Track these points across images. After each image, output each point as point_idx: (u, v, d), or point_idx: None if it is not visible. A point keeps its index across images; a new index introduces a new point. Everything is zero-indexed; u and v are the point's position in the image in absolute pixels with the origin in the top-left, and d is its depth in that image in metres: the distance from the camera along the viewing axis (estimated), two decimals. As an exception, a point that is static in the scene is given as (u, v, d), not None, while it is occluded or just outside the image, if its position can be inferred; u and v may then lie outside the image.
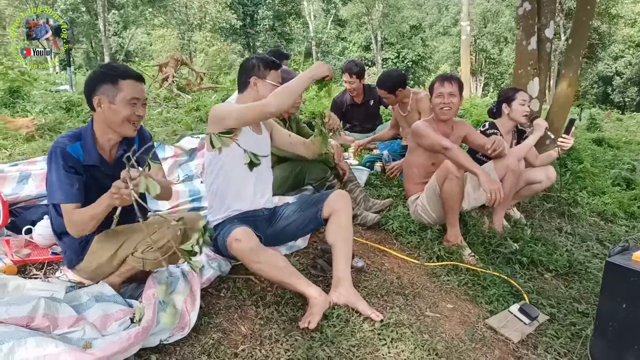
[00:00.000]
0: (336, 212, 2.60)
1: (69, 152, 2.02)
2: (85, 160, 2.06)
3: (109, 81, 2.04)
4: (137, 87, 2.08)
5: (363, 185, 4.06)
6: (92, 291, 2.09)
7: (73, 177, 2.01)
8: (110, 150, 2.17)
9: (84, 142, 2.08)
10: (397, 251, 3.22)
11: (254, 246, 2.27)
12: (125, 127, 2.09)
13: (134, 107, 2.07)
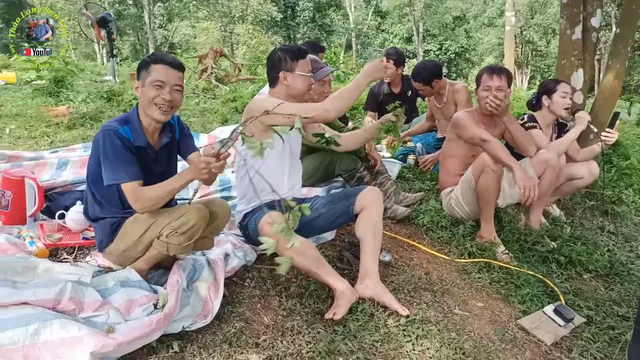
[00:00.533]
0: (368, 207, 2.58)
1: (122, 134, 2.09)
2: (136, 141, 2.13)
3: (145, 66, 2.14)
4: (166, 72, 2.11)
5: (395, 178, 4.00)
6: (118, 276, 2.13)
7: (131, 156, 2.08)
8: (154, 134, 2.23)
9: (132, 126, 2.15)
10: (426, 246, 3.15)
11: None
12: (152, 109, 2.12)
13: (158, 90, 2.10)
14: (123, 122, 2.15)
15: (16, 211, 2.55)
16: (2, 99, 5.47)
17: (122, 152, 2.05)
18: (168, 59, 2.14)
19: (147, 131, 2.20)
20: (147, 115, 2.15)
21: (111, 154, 2.04)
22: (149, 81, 2.09)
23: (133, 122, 2.16)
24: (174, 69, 2.13)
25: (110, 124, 2.12)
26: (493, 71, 3.22)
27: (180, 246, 2.12)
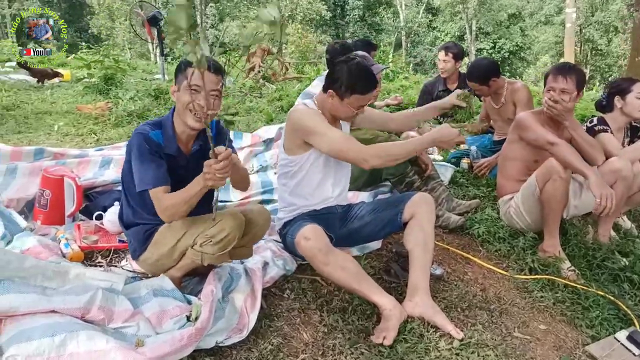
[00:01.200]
0: (418, 215, 2.38)
1: (152, 138, 1.99)
2: (166, 148, 2.02)
3: (182, 69, 2.01)
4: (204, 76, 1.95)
5: (447, 184, 3.74)
6: (151, 284, 2.01)
7: (159, 160, 1.97)
8: (187, 142, 2.11)
9: (164, 131, 2.04)
10: (482, 259, 2.90)
11: (323, 246, 2.11)
12: (186, 115, 1.99)
13: (194, 95, 1.94)
14: (155, 125, 2.04)
15: (55, 211, 2.50)
16: (55, 96, 5.58)
17: (150, 156, 1.94)
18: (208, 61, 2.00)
19: (180, 138, 2.08)
20: (181, 121, 2.04)
21: (139, 158, 1.94)
22: (185, 85, 1.96)
23: (166, 127, 2.05)
24: (211, 72, 1.97)
25: (142, 127, 2.02)
26: (559, 71, 2.92)
27: (214, 256, 1.98)
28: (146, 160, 1.93)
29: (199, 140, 2.12)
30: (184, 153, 2.09)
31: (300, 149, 2.36)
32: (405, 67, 15.71)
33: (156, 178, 1.93)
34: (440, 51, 4.87)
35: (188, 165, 2.09)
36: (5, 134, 3.98)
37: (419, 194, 2.48)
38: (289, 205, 2.48)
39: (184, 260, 2.05)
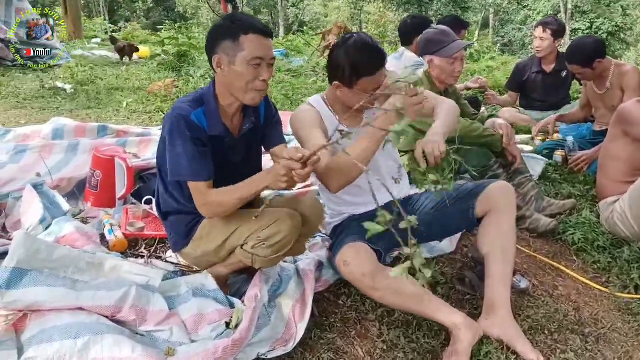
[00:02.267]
0: (496, 211, 1.97)
1: (194, 122, 1.69)
2: (210, 130, 1.74)
3: (230, 37, 1.66)
4: (263, 44, 1.68)
5: (537, 179, 3.28)
6: (193, 281, 1.82)
7: (202, 150, 1.70)
8: (233, 118, 1.83)
9: (207, 109, 1.75)
10: (577, 272, 2.47)
11: (368, 270, 1.76)
12: (249, 94, 1.71)
13: (257, 69, 1.68)
14: (196, 103, 1.73)
15: (105, 193, 2.39)
16: (129, 73, 5.62)
17: (191, 145, 1.66)
18: (259, 25, 1.68)
19: (227, 115, 1.80)
20: (232, 96, 1.75)
21: (178, 145, 1.67)
22: (244, 58, 1.64)
23: (209, 105, 1.75)
24: (266, 37, 1.70)
25: (181, 105, 1.73)
26: None
27: (267, 259, 1.75)
28: (187, 148, 1.66)
29: (248, 116, 1.84)
30: (232, 133, 1.82)
31: None
32: (492, 47, 14.77)
33: (199, 170, 1.68)
34: (536, 27, 4.36)
35: (237, 147, 1.84)
36: (75, 109, 3.99)
37: (496, 183, 2.05)
38: (332, 207, 2.18)
39: (233, 259, 1.83)
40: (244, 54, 1.65)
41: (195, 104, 1.73)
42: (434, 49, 2.78)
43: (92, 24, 14.51)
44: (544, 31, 4.26)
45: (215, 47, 1.70)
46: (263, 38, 1.68)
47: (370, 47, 1.91)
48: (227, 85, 1.73)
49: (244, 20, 1.69)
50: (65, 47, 7.23)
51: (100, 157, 2.36)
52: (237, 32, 1.65)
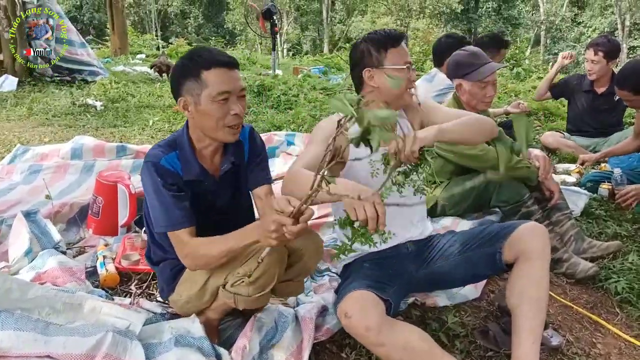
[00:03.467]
0: (526, 256, 1.73)
1: (165, 166, 1.59)
2: (185, 174, 1.63)
3: (191, 75, 1.56)
4: (227, 77, 1.55)
5: (578, 216, 2.98)
6: (178, 327, 1.67)
7: (178, 196, 1.58)
8: (212, 158, 1.71)
9: (181, 152, 1.64)
10: (619, 327, 2.17)
11: (373, 324, 1.53)
12: (221, 132, 1.59)
13: (226, 104, 1.55)
14: (169, 147, 1.63)
15: (107, 220, 2.30)
16: (164, 90, 5.63)
17: (164, 193, 1.55)
18: (220, 58, 1.56)
19: (203, 156, 1.68)
20: (201, 135, 1.64)
21: (152, 195, 1.57)
22: (208, 96, 1.54)
23: (182, 148, 1.64)
24: (230, 68, 1.56)
25: (153, 151, 1.62)
26: None
27: (250, 298, 1.58)
28: (161, 197, 1.56)
29: (228, 155, 1.71)
30: (211, 175, 1.70)
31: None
32: (542, 66, 14.23)
33: (175, 218, 1.56)
34: (587, 49, 4.10)
35: (218, 189, 1.71)
36: (101, 127, 3.98)
37: (528, 223, 1.82)
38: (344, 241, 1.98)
39: (217, 302, 1.68)
40: (208, 91, 1.54)
41: (168, 149, 1.62)
42: (463, 72, 2.58)
43: (142, 39, 14.94)
44: (596, 54, 4.01)
45: (179, 89, 1.59)
46: (227, 70, 1.56)
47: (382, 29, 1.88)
48: (199, 127, 1.62)
49: (203, 55, 1.57)
50: (107, 63, 7.39)
51: (102, 182, 2.28)
52: (198, 69, 1.54)
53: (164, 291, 1.78)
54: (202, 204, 1.65)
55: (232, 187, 1.75)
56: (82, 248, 2.20)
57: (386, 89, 1.82)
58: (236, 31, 31.91)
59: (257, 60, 10.71)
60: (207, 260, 1.57)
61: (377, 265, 1.82)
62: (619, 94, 3.25)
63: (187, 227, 1.57)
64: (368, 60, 1.82)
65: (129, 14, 29.78)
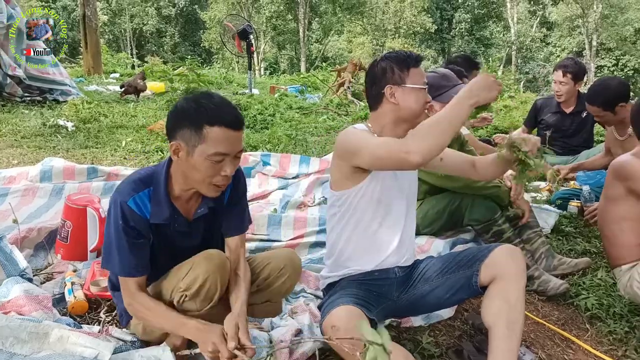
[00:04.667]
0: (502, 278, 1.75)
1: (132, 208, 1.52)
2: (153, 217, 1.56)
3: (192, 124, 1.46)
4: (229, 138, 1.48)
5: (549, 233, 3.04)
6: (147, 356, 1.62)
7: (135, 242, 1.54)
8: (189, 200, 1.64)
9: (155, 190, 1.56)
10: (589, 343, 2.20)
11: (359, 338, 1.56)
12: (205, 187, 1.54)
13: (218, 165, 1.49)
14: (143, 183, 1.56)
15: (76, 245, 2.24)
16: (138, 110, 5.58)
17: (122, 236, 1.51)
18: (228, 116, 1.48)
19: (178, 198, 1.61)
20: (182, 181, 1.57)
21: (110, 231, 1.53)
22: (204, 152, 1.45)
23: (157, 186, 1.56)
24: (236, 130, 1.50)
25: (124, 186, 1.57)
26: None
27: (202, 313, 1.55)
28: (119, 239, 1.51)
29: (207, 200, 1.64)
30: (184, 217, 1.63)
31: (349, 180, 1.84)
32: (514, 85, 14.56)
33: (127, 265, 1.53)
34: (556, 71, 4.20)
35: (191, 231, 1.66)
36: (72, 148, 3.91)
37: (502, 247, 1.84)
38: (335, 259, 1.98)
39: None
40: (204, 147, 1.45)
41: (141, 186, 1.55)
42: (434, 94, 2.61)
43: (116, 58, 14.80)
44: (564, 75, 4.11)
45: (174, 131, 1.50)
46: (231, 131, 1.48)
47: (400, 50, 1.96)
48: (183, 175, 1.55)
49: (210, 109, 1.47)
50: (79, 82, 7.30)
51: (71, 206, 2.23)
52: (201, 122, 1.45)
53: (123, 317, 1.72)
54: (168, 245, 1.62)
55: (204, 229, 1.70)
56: (49, 274, 2.14)
57: (406, 107, 1.83)
58: (213, 50, 31.98)
59: (234, 79, 10.71)
60: (143, 320, 1.61)
61: (362, 285, 1.82)
62: (590, 109, 3.34)
63: (136, 276, 1.54)
64: (390, 77, 1.83)
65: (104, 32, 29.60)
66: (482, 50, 30.57)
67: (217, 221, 1.72)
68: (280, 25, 30.41)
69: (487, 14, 32.60)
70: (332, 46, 32.99)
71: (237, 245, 1.72)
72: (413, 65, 1.84)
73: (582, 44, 30.49)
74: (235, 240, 1.72)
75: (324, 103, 7.32)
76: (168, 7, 32.97)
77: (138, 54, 28.75)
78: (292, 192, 3.44)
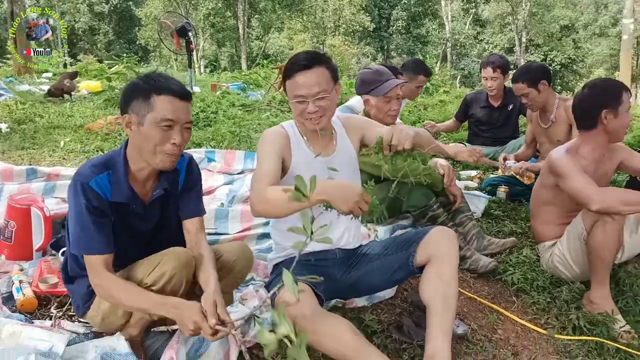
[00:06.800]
0: (436, 258, 1.90)
1: (93, 188, 1.59)
2: (113, 196, 1.64)
3: (142, 96, 1.59)
4: (176, 106, 1.60)
5: (480, 217, 3.28)
6: (102, 345, 1.68)
7: (99, 221, 1.60)
8: (145, 182, 1.73)
9: (114, 173, 1.65)
10: (516, 313, 2.43)
11: (307, 313, 1.67)
12: (158, 157, 1.62)
13: (167, 132, 1.59)
14: (102, 167, 1.64)
15: (21, 244, 2.23)
16: (74, 109, 5.44)
17: (86, 215, 1.57)
18: (174, 87, 1.61)
19: (136, 179, 1.70)
20: (143, 160, 1.65)
21: (73, 214, 1.59)
22: (152, 120, 1.57)
23: (116, 169, 1.65)
24: (182, 100, 1.62)
25: (84, 169, 1.63)
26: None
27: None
28: (83, 219, 1.57)
29: (162, 181, 1.74)
30: (140, 198, 1.71)
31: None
32: (449, 80, 15.16)
33: (92, 243, 1.58)
34: (484, 68, 4.42)
35: (146, 214, 1.73)
36: (7, 150, 3.80)
37: (436, 228, 2.00)
38: (279, 241, 2.09)
39: (134, 317, 1.71)
40: (153, 115, 1.57)
41: (101, 169, 1.63)
42: (368, 88, 2.78)
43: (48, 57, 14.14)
44: (494, 71, 4.33)
45: (126, 105, 1.62)
46: (177, 100, 1.61)
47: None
48: (137, 148, 1.65)
49: (159, 80, 1.61)
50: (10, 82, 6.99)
51: (14, 206, 2.21)
52: (150, 92, 1.59)
53: (80, 308, 1.76)
54: (125, 227, 1.67)
55: (160, 212, 1.77)
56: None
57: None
58: (149, 47, 31.11)
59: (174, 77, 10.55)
60: (114, 301, 1.62)
61: (307, 266, 1.93)
62: (517, 88, 3.54)
63: (102, 254, 1.59)
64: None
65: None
66: (419, 48, 31.40)
67: (172, 206, 1.80)
68: (219, 22, 29.98)
69: (423, 12, 33.51)
70: (272, 43, 32.92)
71: (197, 228, 1.81)
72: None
73: (513, 40, 31.96)
74: (194, 222, 1.81)
75: (266, 100, 7.37)
76: (101, 4, 31.70)
77: (70, 53, 27.55)
78: (237, 187, 3.51)
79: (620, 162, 2.59)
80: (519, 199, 3.61)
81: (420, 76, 4.19)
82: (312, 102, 1.87)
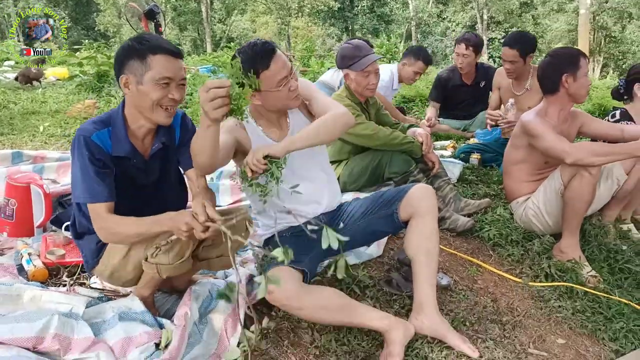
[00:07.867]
0: (418, 214, 2.04)
1: (95, 142, 1.69)
2: (114, 151, 1.73)
3: (137, 57, 1.67)
4: (171, 64, 1.70)
5: (455, 181, 3.48)
6: (119, 305, 1.79)
7: (102, 171, 1.68)
8: (144, 139, 1.82)
9: (114, 129, 1.74)
10: (493, 265, 2.64)
11: (292, 294, 1.78)
12: (157, 113, 1.72)
13: (165, 89, 1.69)
14: (102, 124, 1.73)
15: (22, 221, 2.30)
16: (47, 95, 5.39)
17: (89, 166, 1.66)
18: (168, 46, 1.70)
19: (135, 136, 1.79)
20: (142, 117, 1.75)
21: (77, 165, 1.67)
22: (151, 78, 1.66)
23: (115, 126, 1.74)
24: (176, 58, 1.71)
25: (86, 125, 1.72)
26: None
27: (172, 266, 1.72)
28: (85, 169, 1.66)
29: (159, 136, 1.83)
30: (140, 154, 1.81)
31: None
32: (414, 58, 15.35)
33: (95, 192, 1.66)
34: (458, 44, 4.45)
35: (147, 168, 1.83)
36: (-14, 136, 3.79)
37: (416, 186, 2.11)
38: (262, 217, 2.18)
39: (144, 277, 1.81)
40: (151, 74, 1.66)
41: (101, 125, 1.73)
42: (348, 63, 2.90)
43: (5, 45, 13.71)
44: (467, 48, 4.37)
45: (122, 67, 1.70)
46: (172, 58, 1.70)
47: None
48: (136, 106, 1.74)
49: (152, 40, 1.70)
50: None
51: (14, 184, 2.27)
52: (145, 53, 1.66)
53: (89, 263, 1.84)
54: (127, 181, 1.76)
55: (160, 167, 1.87)
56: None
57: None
58: (109, 33, 30.30)
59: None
60: (120, 237, 1.70)
61: (293, 238, 2.00)
62: (507, 53, 3.64)
63: (106, 201, 1.67)
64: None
65: (-17, 18, 27.02)
66: (383, 27, 31.52)
67: (170, 160, 1.90)
68: (181, 5, 29.38)
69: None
70: (236, 26, 32.48)
71: (197, 174, 1.88)
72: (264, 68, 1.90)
73: (475, 18, 32.36)
74: (194, 170, 1.86)
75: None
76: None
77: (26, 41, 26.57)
78: (222, 163, 3.60)
79: (580, 125, 2.81)
80: (490, 164, 3.84)
81: (419, 62, 4.32)
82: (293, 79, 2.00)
